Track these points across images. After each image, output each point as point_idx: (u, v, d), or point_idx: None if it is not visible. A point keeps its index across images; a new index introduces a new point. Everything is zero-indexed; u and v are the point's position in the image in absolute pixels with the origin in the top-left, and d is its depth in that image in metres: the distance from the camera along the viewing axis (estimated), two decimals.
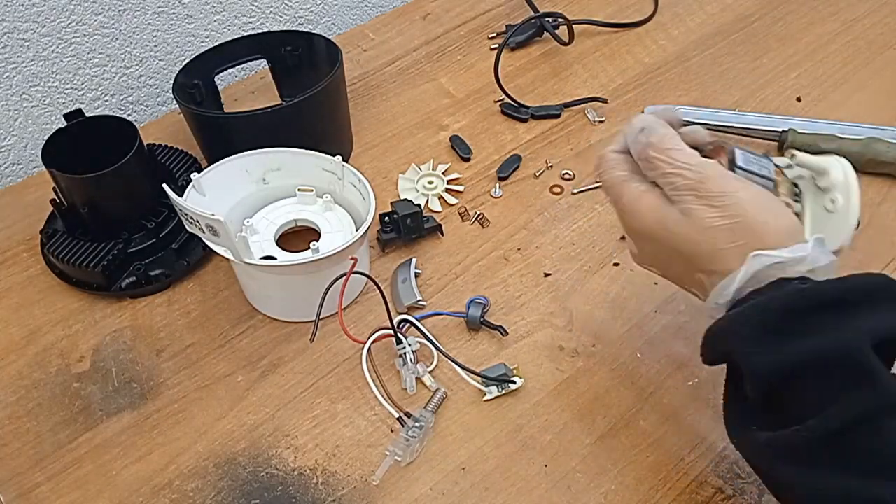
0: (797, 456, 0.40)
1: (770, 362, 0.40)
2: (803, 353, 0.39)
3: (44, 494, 0.55)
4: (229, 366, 0.62)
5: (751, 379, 0.41)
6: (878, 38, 0.90)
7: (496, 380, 0.58)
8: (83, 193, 0.65)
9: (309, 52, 0.79)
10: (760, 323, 0.41)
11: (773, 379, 0.40)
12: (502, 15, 0.96)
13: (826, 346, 0.39)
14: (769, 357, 0.40)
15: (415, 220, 0.68)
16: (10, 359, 0.63)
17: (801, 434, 0.39)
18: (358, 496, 0.54)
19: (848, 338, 0.39)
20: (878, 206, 0.71)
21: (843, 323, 0.40)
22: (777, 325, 0.40)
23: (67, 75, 0.81)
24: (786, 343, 0.40)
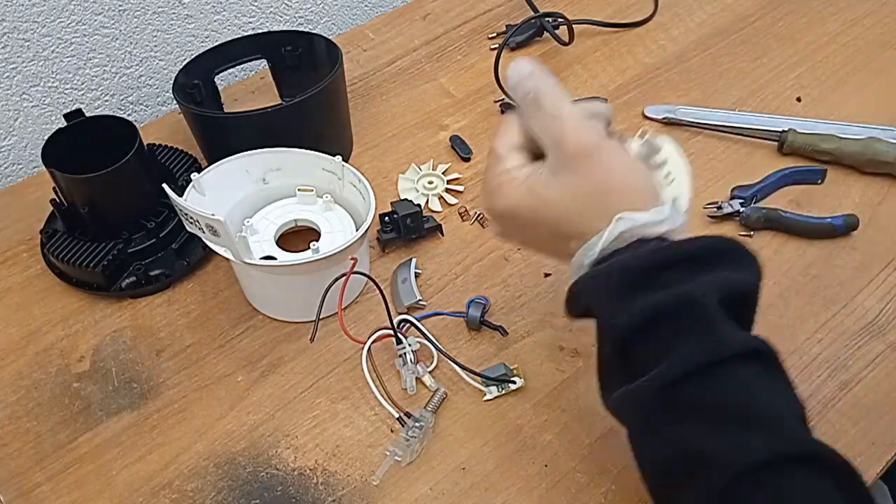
0: (642, 409, 0.42)
1: (623, 316, 0.42)
2: (652, 305, 0.41)
3: (44, 494, 0.55)
4: (229, 366, 0.62)
5: (607, 333, 0.43)
6: (878, 38, 0.90)
7: (496, 380, 0.58)
8: (83, 193, 0.65)
9: (309, 52, 0.79)
10: (619, 279, 0.42)
11: (626, 333, 0.42)
12: (502, 15, 0.96)
13: (672, 297, 0.41)
14: (623, 311, 0.42)
15: (415, 220, 0.68)
16: (10, 359, 0.63)
17: (643, 386, 0.41)
18: (358, 496, 0.54)
19: (692, 288, 0.41)
20: (878, 206, 0.71)
21: (693, 277, 0.42)
22: (634, 282, 0.42)
23: (67, 75, 0.81)
24: (639, 297, 0.41)
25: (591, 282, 0.44)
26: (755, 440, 0.38)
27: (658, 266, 0.42)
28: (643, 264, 0.42)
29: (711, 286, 0.41)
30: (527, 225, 0.49)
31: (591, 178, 0.45)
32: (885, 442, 0.55)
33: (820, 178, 0.73)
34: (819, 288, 0.65)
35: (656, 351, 0.41)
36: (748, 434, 0.38)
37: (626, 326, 0.42)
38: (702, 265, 0.42)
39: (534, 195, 0.47)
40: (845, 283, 0.65)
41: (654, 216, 0.43)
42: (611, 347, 0.43)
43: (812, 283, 0.65)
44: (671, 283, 0.41)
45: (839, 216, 0.68)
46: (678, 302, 0.41)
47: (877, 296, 0.64)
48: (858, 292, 0.64)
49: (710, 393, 0.40)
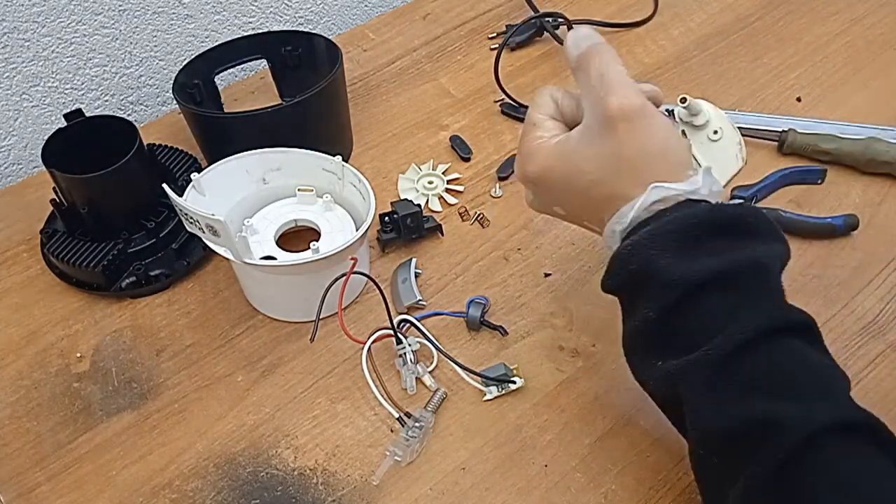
0: (705, 379, 0.41)
1: (686, 270, 0.41)
2: (720, 266, 0.41)
3: (44, 494, 0.55)
4: (229, 366, 0.62)
5: (663, 289, 0.42)
6: (878, 38, 0.90)
7: (496, 380, 0.58)
8: (83, 193, 0.65)
9: (309, 52, 0.79)
10: (675, 237, 0.42)
11: (687, 287, 0.41)
12: (502, 15, 0.96)
13: (743, 260, 0.42)
14: (687, 268, 0.41)
15: (415, 220, 0.68)
16: (9, 359, 0.63)
17: (708, 353, 0.40)
18: (358, 496, 0.54)
19: (760, 255, 0.42)
20: (878, 206, 0.71)
21: (754, 243, 0.43)
22: (691, 240, 0.42)
23: (67, 75, 0.81)
24: (701, 256, 0.42)
25: (645, 241, 0.43)
26: (820, 408, 0.39)
27: (713, 227, 0.42)
28: (697, 223, 0.42)
29: (774, 255, 0.43)
30: (560, 190, 0.49)
31: (628, 143, 0.44)
32: None
33: (820, 178, 0.73)
34: (819, 288, 0.65)
35: (719, 314, 0.41)
36: (812, 402, 0.39)
37: (687, 281, 0.41)
38: (755, 233, 0.43)
39: (566, 159, 0.47)
40: (845, 283, 0.65)
41: (688, 186, 0.43)
42: (662, 310, 0.42)
43: (812, 283, 0.65)
44: (737, 245, 0.42)
45: (839, 216, 0.68)
46: (748, 266, 0.42)
47: (877, 296, 0.64)
48: (858, 292, 0.64)
49: (776, 360, 0.40)
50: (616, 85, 0.45)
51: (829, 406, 0.40)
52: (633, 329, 0.46)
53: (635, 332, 0.46)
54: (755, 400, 0.40)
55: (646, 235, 0.43)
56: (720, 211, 0.43)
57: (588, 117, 0.46)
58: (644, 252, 0.43)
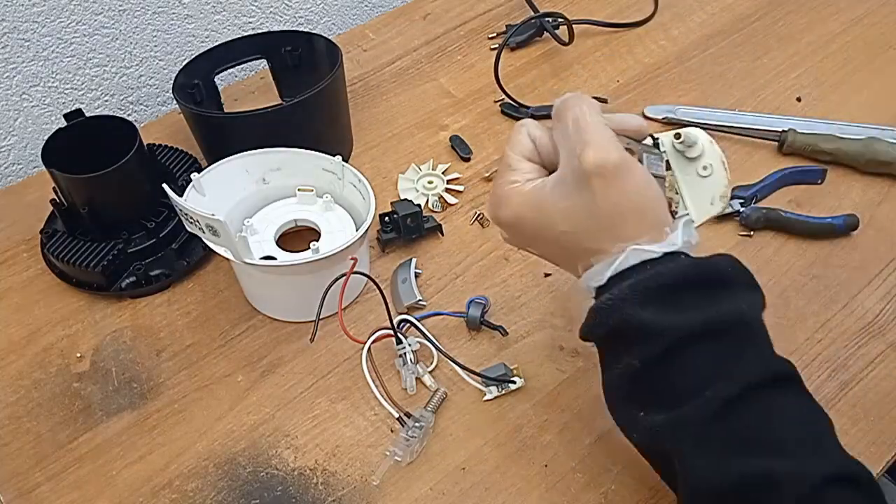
0: (695, 435, 0.41)
1: (672, 322, 0.41)
2: (704, 316, 0.41)
3: (44, 494, 0.55)
4: (229, 366, 0.62)
5: (648, 341, 0.42)
6: (878, 38, 0.90)
7: (496, 380, 0.58)
8: (83, 193, 0.65)
9: (309, 52, 0.79)
10: (658, 292, 0.42)
11: (673, 339, 0.41)
12: (502, 15, 0.96)
13: (726, 312, 0.42)
14: (670, 318, 0.41)
15: (415, 220, 0.68)
16: (10, 359, 0.63)
17: (699, 409, 0.40)
18: (358, 496, 0.54)
19: (742, 306, 0.42)
20: (878, 206, 0.71)
21: (735, 295, 0.43)
22: (674, 295, 0.42)
23: (67, 75, 0.81)
24: (686, 309, 0.42)
25: (625, 295, 0.42)
26: (813, 462, 0.39)
27: (702, 282, 0.42)
28: (678, 279, 0.42)
29: (756, 305, 0.43)
30: (532, 237, 0.48)
31: (603, 200, 0.43)
32: (885, 442, 0.55)
33: (820, 178, 0.73)
34: (819, 288, 0.65)
35: (706, 367, 0.41)
36: (805, 457, 0.39)
37: (676, 335, 0.41)
38: (736, 284, 0.43)
39: (540, 209, 0.46)
40: (845, 283, 0.65)
41: (666, 247, 0.43)
42: (646, 361, 0.42)
43: (812, 283, 0.65)
44: (720, 297, 0.42)
45: (839, 216, 0.68)
46: (733, 318, 0.41)
47: (877, 296, 0.64)
48: (858, 292, 0.64)
49: (767, 414, 0.40)
50: (592, 137, 0.43)
51: (822, 460, 0.40)
52: (614, 378, 0.45)
53: (617, 382, 0.45)
54: (749, 456, 0.39)
55: (627, 290, 0.42)
56: (701, 266, 0.43)
57: (563, 167, 0.45)
58: (626, 306, 0.42)
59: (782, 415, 0.41)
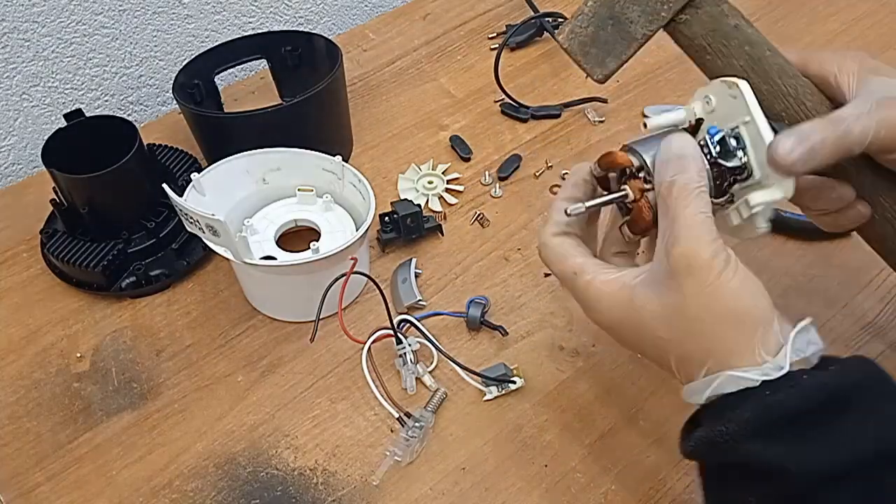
0: None
1: (807, 460, 0.35)
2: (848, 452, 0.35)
3: (44, 494, 0.55)
4: (229, 366, 0.62)
5: (776, 482, 0.36)
6: (878, 38, 0.90)
7: (496, 380, 0.58)
8: (83, 193, 0.65)
9: (309, 52, 0.79)
10: (778, 425, 0.36)
11: (811, 481, 0.36)
12: (502, 15, 0.96)
13: (871, 446, 0.36)
14: (797, 457, 0.36)
15: (415, 220, 0.68)
16: (10, 359, 0.63)
17: None
18: (358, 496, 0.54)
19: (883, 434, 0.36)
20: None
21: (871, 418, 0.36)
22: (803, 426, 0.36)
23: (67, 75, 0.81)
24: (814, 442, 0.36)
25: (747, 427, 0.37)
26: None
27: (837, 405, 0.36)
28: (808, 407, 0.36)
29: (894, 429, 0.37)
30: (632, 341, 0.44)
31: (693, 302, 0.39)
32: None
33: None
34: (819, 288, 0.65)
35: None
36: None
37: (816, 476, 0.35)
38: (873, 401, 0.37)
39: (634, 312, 0.41)
40: (845, 283, 0.65)
41: (770, 372, 0.37)
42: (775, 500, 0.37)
43: (812, 283, 0.65)
44: (865, 422, 0.36)
45: None
46: (870, 451, 0.36)
47: (877, 296, 0.64)
48: (858, 292, 0.64)
49: None
50: (685, 230, 0.39)
51: None
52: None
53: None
54: None
55: (740, 425, 0.37)
56: (833, 387, 0.37)
57: (657, 259, 0.41)
58: (744, 442, 0.37)
59: None
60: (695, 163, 0.40)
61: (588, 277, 0.43)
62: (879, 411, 0.37)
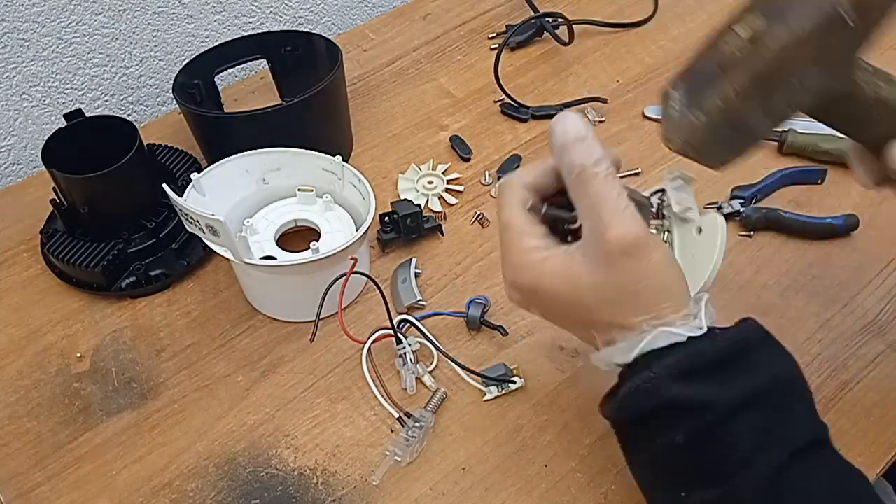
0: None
1: (718, 394, 0.41)
2: (749, 385, 0.42)
3: (44, 494, 0.55)
4: (229, 366, 0.62)
5: (694, 415, 0.41)
6: (878, 38, 0.89)
7: (496, 380, 0.58)
8: (83, 193, 0.65)
9: (309, 52, 0.79)
10: (701, 370, 0.42)
11: (721, 410, 0.41)
12: (502, 15, 0.96)
13: (769, 375, 0.42)
14: (716, 391, 0.41)
15: (415, 220, 0.68)
16: (10, 359, 0.63)
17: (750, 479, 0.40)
18: (358, 496, 0.54)
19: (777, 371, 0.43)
20: (879, 206, 0.71)
21: (767, 361, 0.43)
22: (716, 370, 0.42)
23: (67, 75, 0.81)
24: (730, 381, 0.42)
25: (671, 373, 0.42)
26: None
27: (736, 355, 0.43)
28: (723, 356, 0.42)
29: (788, 366, 0.44)
30: (549, 309, 0.47)
31: (629, 277, 0.43)
32: (885, 442, 0.55)
33: (820, 178, 0.73)
34: (819, 288, 0.65)
35: (755, 434, 0.41)
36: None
37: (724, 406, 0.41)
38: (765, 349, 0.44)
39: (566, 281, 0.44)
40: (845, 283, 0.65)
41: (693, 331, 0.43)
42: (691, 436, 0.42)
43: (812, 283, 0.65)
44: (760, 365, 0.43)
45: (839, 216, 0.68)
46: (770, 384, 0.42)
47: (877, 296, 0.64)
48: (858, 292, 0.64)
49: (814, 478, 0.41)
50: (613, 215, 0.42)
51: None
52: (652, 459, 0.45)
53: (656, 462, 0.44)
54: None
55: (665, 370, 0.42)
56: (734, 340, 0.43)
57: (588, 241, 0.44)
58: (669, 384, 0.42)
59: (829, 476, 0.41)
60: (597, 144, 0.44)
61: (530, 242, 0.45)
62: (770, 355, 0.44)
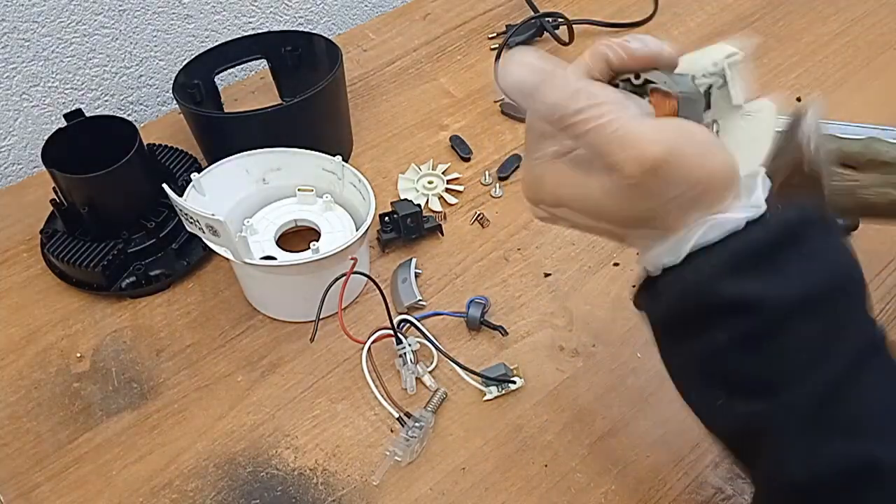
0: (797, 420, 0.37)
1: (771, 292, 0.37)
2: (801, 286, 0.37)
3: (44, 494, 0.55)
4: (229, 366, 0.62)
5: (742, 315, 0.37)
6: (878, 38, 0.90)
7: (496, 380, 0.58)
8: (83, 193, 0.65)
9: (309, 52, 0.79)
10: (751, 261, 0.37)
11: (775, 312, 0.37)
12: (502, 15, 0.96)
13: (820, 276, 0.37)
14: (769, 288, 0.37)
15: (415, 220, 0.68)
16: (10, 359, 0.63)
17: (803, 393, 0.36)
18: (358, 496, 0.54)
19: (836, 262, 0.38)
20: None
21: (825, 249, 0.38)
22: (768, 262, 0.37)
23: (67, 75, 0.81)
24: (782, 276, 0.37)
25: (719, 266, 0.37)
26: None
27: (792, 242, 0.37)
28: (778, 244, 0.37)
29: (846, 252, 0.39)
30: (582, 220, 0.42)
31: (666, 188, 0.37)
32: None
33: None
34: None
35: (808, 344, 0.37)
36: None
37: (774, 313, 0.37)
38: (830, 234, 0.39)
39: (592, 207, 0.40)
40: None
41: (750, 212, 0.38)
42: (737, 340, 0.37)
43: None
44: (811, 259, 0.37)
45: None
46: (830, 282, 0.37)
47: (877, 296, 0.64)
48: None
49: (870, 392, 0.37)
50: (618, 145, 0.37)
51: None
52: (691, 359, 0.40)
53: (695, 363, 0.40)
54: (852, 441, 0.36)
55: (717, 262, 0.38)
56: (791, 223, 0.38)
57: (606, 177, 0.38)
58: (719, 279, 0.37)
59: (884, 392, 0.37)
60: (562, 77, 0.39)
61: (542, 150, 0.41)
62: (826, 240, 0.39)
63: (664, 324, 0.42)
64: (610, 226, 0.41)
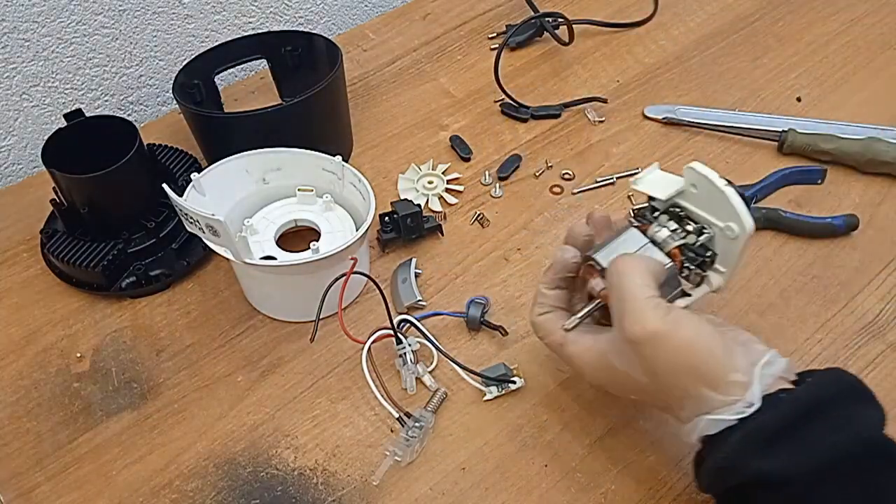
0: None
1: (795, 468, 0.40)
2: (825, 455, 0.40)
3: (44, 494, 0.55)
4: (229, 366, 0.62)
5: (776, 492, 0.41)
6: (878, 38, 0.90)
7: (496, 380, 0.58)
8: (83, 193, 0.65)
9: (309, 52, 0.79)
10: (771, 439, 0.41)
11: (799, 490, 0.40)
12: (502, 15, 0.96)
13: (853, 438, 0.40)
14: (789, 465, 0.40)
15: (415, 220, 0.68)
16: (10, 359, 0.63)
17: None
18: (358, 496, 0.54)
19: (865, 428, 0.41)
20: (878, 206, 0.71)
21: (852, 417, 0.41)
22: (786, 436, 0.41)
23: (67, 75, 0.81)
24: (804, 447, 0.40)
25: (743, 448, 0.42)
26: None
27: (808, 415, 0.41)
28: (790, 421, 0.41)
29: (875, 421, 0.42)
30: (620, 390, 0.50)
31: (656, 361, 0.44)
32: None
33: (820, 178, 0.73)
34: (819, 288, 0.65)
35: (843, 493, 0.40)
36: None
37: (803, 484, 0.40)
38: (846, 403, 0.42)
39: (613, 369, 0.47)
40: (845, 283, 0.65)
41: (737, 412, 0.42)
42: None
43: (812, 283, 0.65)
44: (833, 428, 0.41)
45: (839, 216, 0.68)
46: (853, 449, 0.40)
47: (877, 296, 0.64)
48: (858, 292, 0.64)
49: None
50: (630, 305, 0.45)
51: None
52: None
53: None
54: None
55: (734, 447, 0.42)
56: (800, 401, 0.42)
57: (616, 329, 0.46)
58: (744, 462, 0.41)
59: None
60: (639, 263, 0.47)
61: (571, 348, 0.51)
62: (850, 414, 0.42)
63: (719, 499, 0.47)
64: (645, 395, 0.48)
